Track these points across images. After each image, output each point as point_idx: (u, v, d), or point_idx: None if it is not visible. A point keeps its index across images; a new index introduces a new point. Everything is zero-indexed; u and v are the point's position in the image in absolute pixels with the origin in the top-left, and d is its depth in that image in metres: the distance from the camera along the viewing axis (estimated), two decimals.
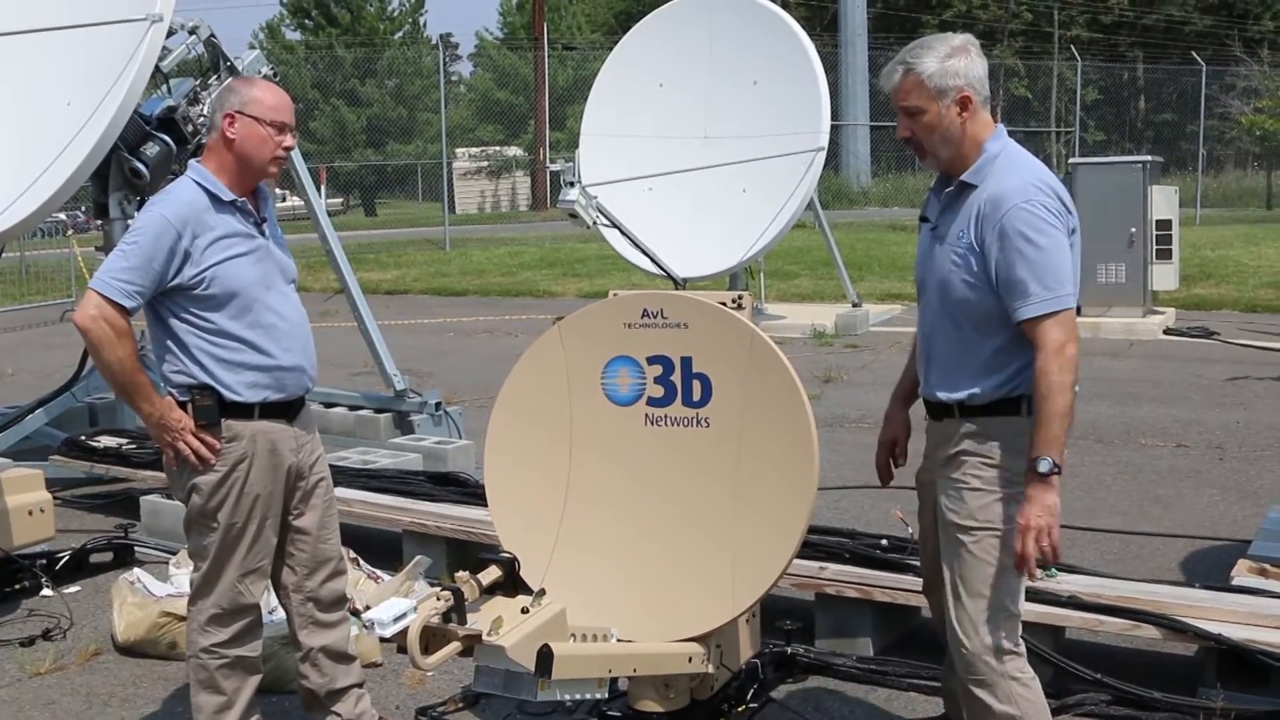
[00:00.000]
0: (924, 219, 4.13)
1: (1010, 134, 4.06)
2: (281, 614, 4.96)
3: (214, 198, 4.38)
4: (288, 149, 4.49)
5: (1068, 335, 3.80)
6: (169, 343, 4.40)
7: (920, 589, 5.34)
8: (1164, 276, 16.04)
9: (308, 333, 4.61)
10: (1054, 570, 5.50)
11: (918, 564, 5.48)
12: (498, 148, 58.37)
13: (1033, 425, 3.82)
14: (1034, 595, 5.26)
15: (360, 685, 4.81)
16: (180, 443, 4.36)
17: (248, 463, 4.42)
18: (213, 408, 4.36)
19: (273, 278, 4.49)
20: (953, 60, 3.90)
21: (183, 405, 4.37)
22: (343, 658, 4.72)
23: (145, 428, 7.85)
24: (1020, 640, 4.02)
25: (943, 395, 4.05)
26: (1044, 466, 3.77)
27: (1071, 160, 17.30)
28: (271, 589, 4.78)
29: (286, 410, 4.52)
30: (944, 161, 4.01)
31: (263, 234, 4.49)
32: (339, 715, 4.73)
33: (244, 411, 4.40)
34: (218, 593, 4.48)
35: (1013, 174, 3.89)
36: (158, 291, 4.31)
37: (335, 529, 4.77)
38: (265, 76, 9.26)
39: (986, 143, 3.96)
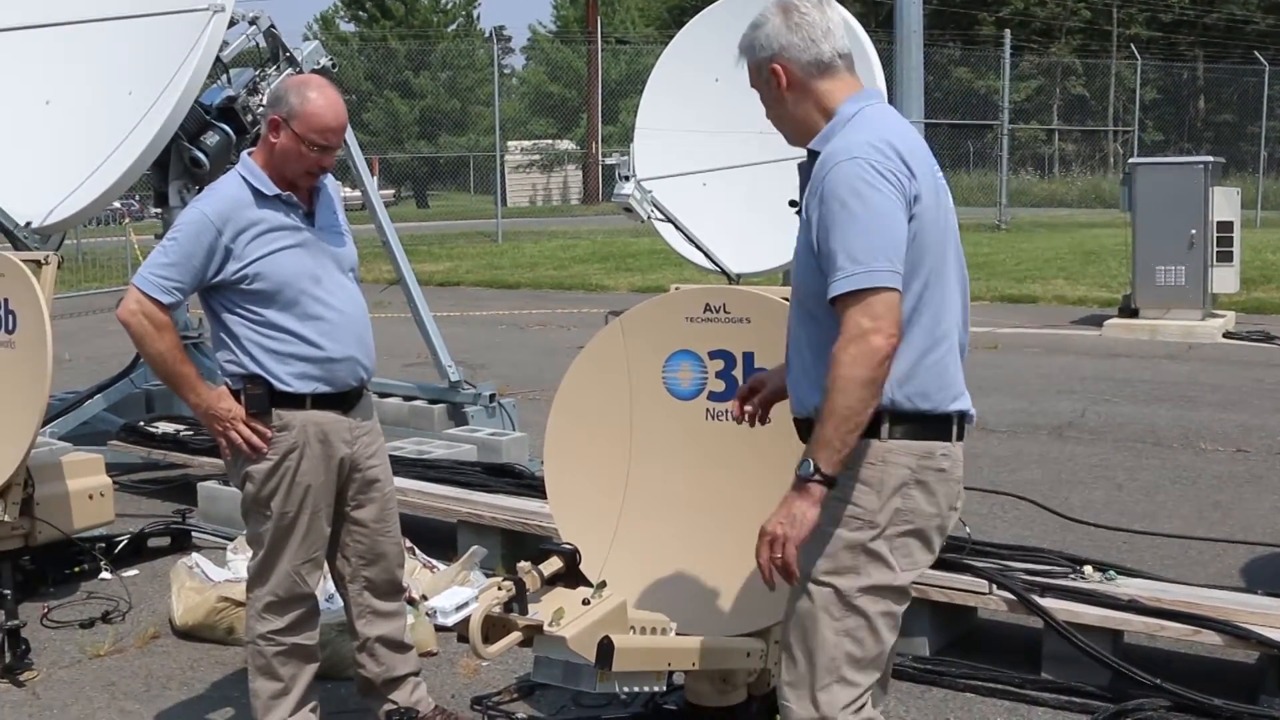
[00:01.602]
0: (793, 203, 3.66)
1: (1066, 133, 3.69)
2: (339, 601, 4.98)
3: (257, 192, 4.38)
4: (324, 169, 4.46)
5: (875, 323, 3.07)
6: (222, 334, 4.43)
7: (977, 590, 5.33)
8: (1224, 279, 15.85)
9: (363, 324, 4.58)
10: (1112, 573, 5.46)
11: (975, 564, 5.46)
12: (550, 141, 58.48)
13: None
14: (1094, 599, 5.23)
15: (417, 674, 4.83)
16: (231, 431, 4.38)
17: (298, 452, 4.43)
18: (263, 397, 4.38)
19: (324, 269, 4.46)
20: (761, 30, 3.41)
21: (236, 394, 4.40)
22: (399, 647, 4.74)
23: None
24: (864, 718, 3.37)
25: (795, 410, 3.49)
26: (803, 470, 3.16)
27: (1130, 160, 17.14)
28: (329, 578, 4.81)
29: (340, 401, 4.51)
30: (793, 141, 3.51)
31: (311, 226, 4.47)
32: (395, 704, 4.75)
33: (295, 401, 4.41)
34: (274, 580, 4.50)
35: (853, 134, 3.26)
36: (199, 287, 4.35)
37: (394, 521, 4.77)
38: (324, 68, 9.33)
39: (841, 105, 3.35)
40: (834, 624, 3.30)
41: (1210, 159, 15.87)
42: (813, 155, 3.37)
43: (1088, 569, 5.48)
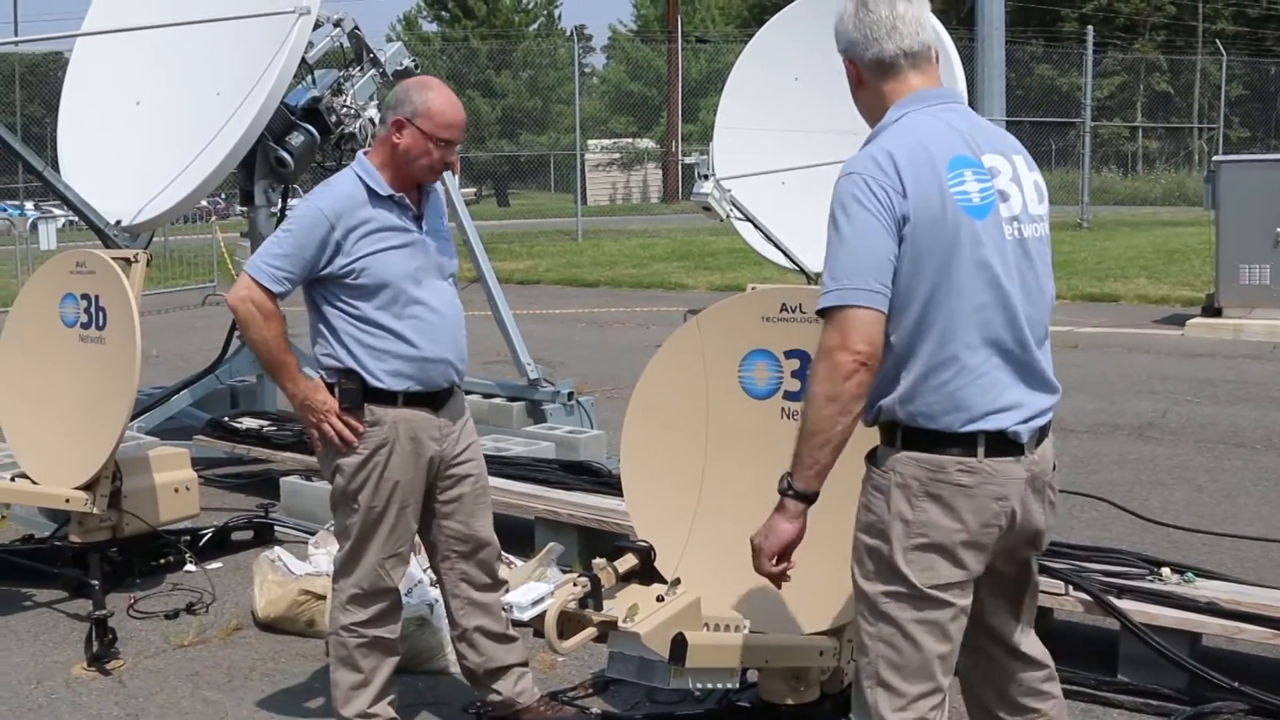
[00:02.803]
0: None
1: (1150, 131, 3.56)
2: (417, 595, 5.05)
3: (372, 192, 4.48)
4: (448, 165, 4.57)
5: (842, 339, 3.07)
6: (321, 326, 4.54)
7: (1053, 591, 5.30)
8: None
9: (458, 327, 4.67)
10: (1190, 575, 5.41)
11: (1052, 565, 5.43)
12: (630, 140, 58.56)
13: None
14: (1171, 601, 5.19)
15: (523, 665, 4.89)
16: (324, 424, 4.48)
17: (388, 448, 4.51)
18: (356, 392, 4.47)
19: (427, 272, 4.56)
20: (836, 24, 3.39)
21: (330, 388, 4.49)
22: (500, 637, 4.80)
23: (285, 411, 8.05)
24: None
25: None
26: (780, 484, 3.26)
27: (1215, 158, 16.92)
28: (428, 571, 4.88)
29: (432, 400, 4.59)
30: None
31: (420, 229, 4.57)
32: (499, 693, 4.83)
33: (388, 398, 4.49)
34: (359, 573, 4.58)
35: (873, 144, 3.26)
36: (308, 279, 4.46)
37: (486, 516, 4.85)
38: (406, 69, 9.43)
39: (890, 110, 3.33)
40: (869, 629, 3.33)
41: None
42: None
43: (1165, 571, 5.44)
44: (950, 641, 3.31)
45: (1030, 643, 3.64)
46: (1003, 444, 3.24)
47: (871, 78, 3.35)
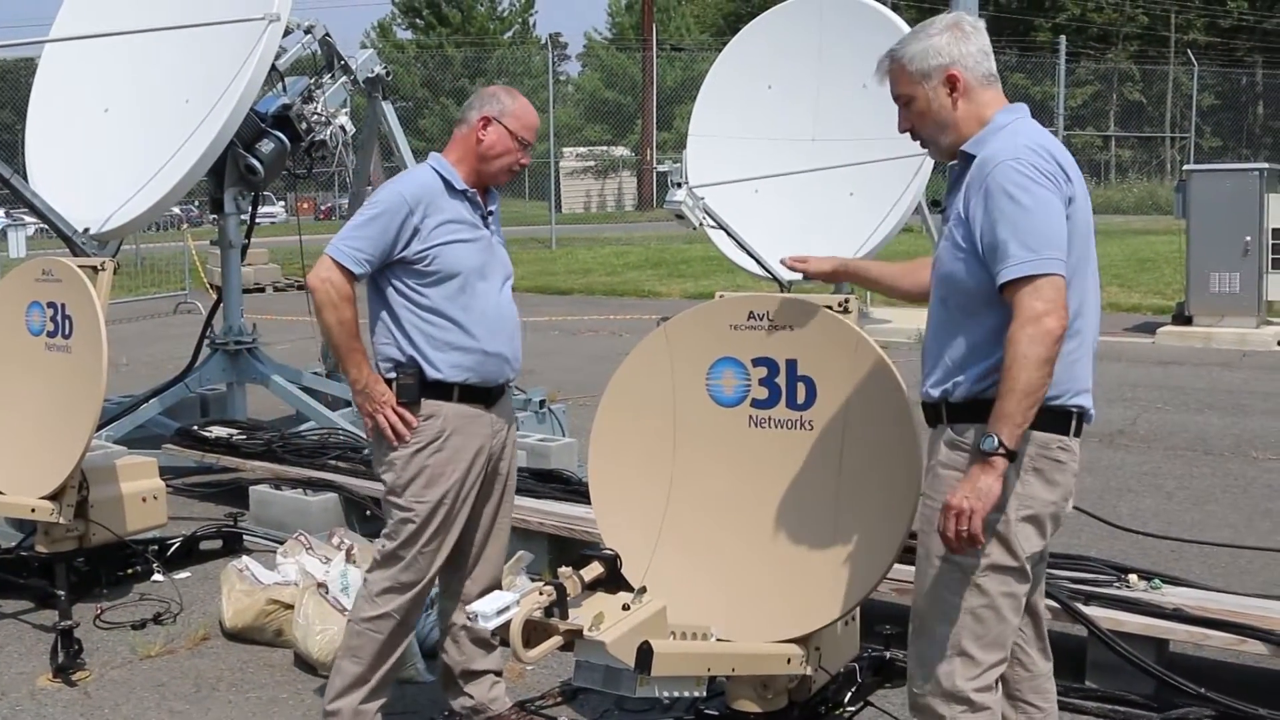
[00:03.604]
0: (934, 203, 3.91)
1: (1122, 140, 3.88)
2: None
3: (448, 184, 4.60)
4: (523, 165, 4.74)
5: (1048, 306, 3.32)
6: (383, 314, 4.61)
7: None
8: None
9: (516, 328, 4.77)
10: (1158, 581, 5.43)
11: None
12: (604, 147, 58.61)
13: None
14: (1139, 607, 5.21)
15: (498, 674, 4.92)
16: (379, 415, 4.53)
17: (440, 443, 4.57)
18: (413, 386, 4.54)
19: (491, 270, 4.68)
20: (935, 39, 3.64)
21: (387, 381, 4.55)
22: (483, 643, 4.83)
23: (255, 419, 8.03)
24: (984, 694, 3.57)
25: (927, 391, 3.66)
26: (986, 445, 3.36)
27: (1186, 167, 17.02)
28: None
29: (486, 396, 4.67)
30: (944, 148, 3.71)
31: (488, 227, 4.70)
32: (471, 697, 4.86)
33: (443, 392, 4.56)
34: (401, 565, 4.61)
35: (1010, 139, 3.52)
36: (386, 262, 4.52)
37: (505, 521, 4.95)
38: (378, 76, 9.42)
39: (997, 115, 3.64)
40: (958, 600, 3.54)
41: (1266, 165, 15.75)
42: (965, 160, 3.59)
43: (1133, 577, 5.47)
44: (1019, 615, 3.64)
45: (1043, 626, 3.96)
46: (1080, 426, 3.60)
47: (979, 88, 3.66)
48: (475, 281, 4.59)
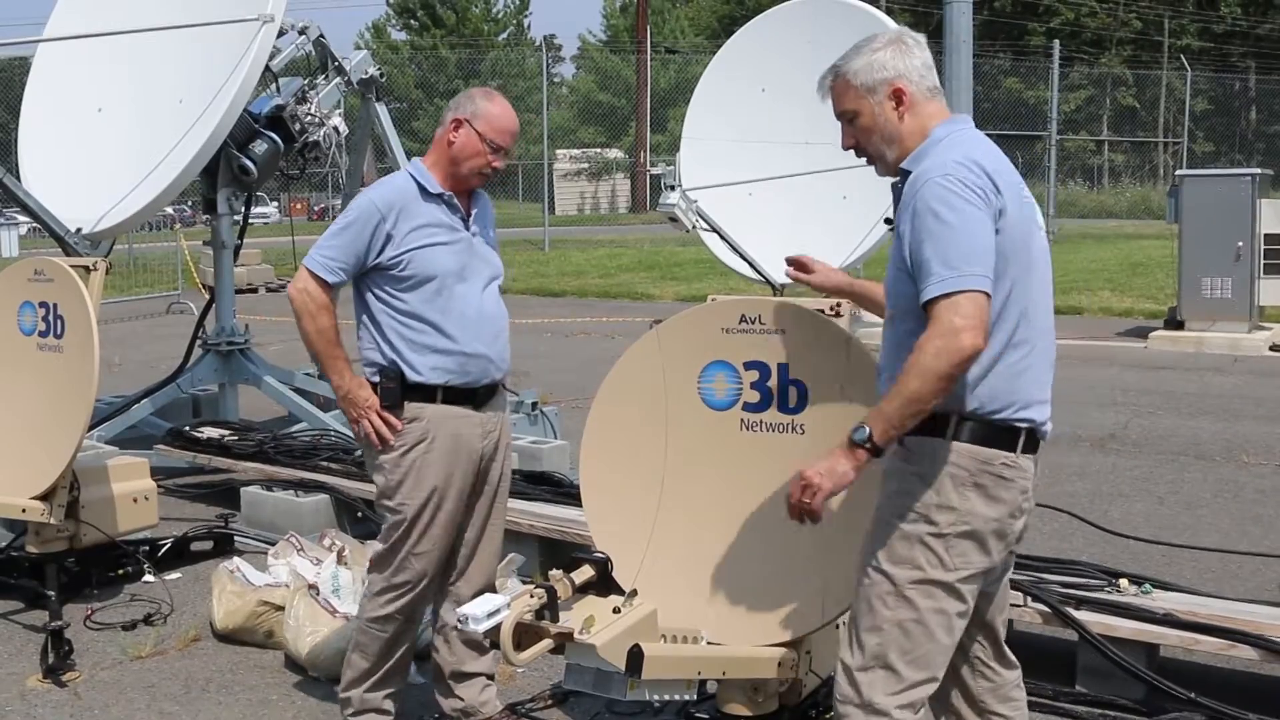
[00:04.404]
0: (888, 220, 3.80)
1: (1115, 144, 3.85)
2: None
3: (423, 189, 4.63)
4: (495, 169, 4.72)
5: (965, 322, 3.24)
6: (365, 319, 4.66)
7: (1012, 602, 5.32)
8: (1272, 291, 15.74)
9: (501, 327, 4.80)
10: (1148, 586, 5.44)
11: (1012, 575, 5.43)
12: (598, 150, 58.63)
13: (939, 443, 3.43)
14: (1129, 612, 5.22)
15: (489, 677, 4.93)
16: (364, 420, 4.59)
17: (426, 444, 4.61)
18: (395, 390, 4.59)
19: (472, 271, 4.69)
20: (879, 54, 3.61)
21: (372, 385, 4.60)
22: (474, 645, 4.84)
23: (247, 420, 8.03)
24: (905, 711, 3.46)
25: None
26: (857, 435, 3.36)
27: (1179, 172, 17.04)
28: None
29: (471, 397, 4.69)
30: (891, 163, 3.64)
31: (467, 229, 4.70)
32: (461, 699, 4.88)
33: (426, 394, 4.60)
34: (394, 567, 4.67)
35: (942, 154, 3.45)
36: (361, 269, 4.58)
37: (499, 522, 4.98)
38: (372, 77, 9.41)
39: (935, 129, 3.57)
40: (886, 612, 3.46)
41: (1258, 171, 15.81)
42: (904, 176, 3.56)
43: (1123, 582, 5.48)
44: (952, 637, 3.51)
45: (1003, 645, 3.84)
46: (1031, 441, 3.52)
47: (925, 101, 3.61)
48: (454, 284, 4.62)
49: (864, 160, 3.76)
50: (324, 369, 4.68)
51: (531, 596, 3.63)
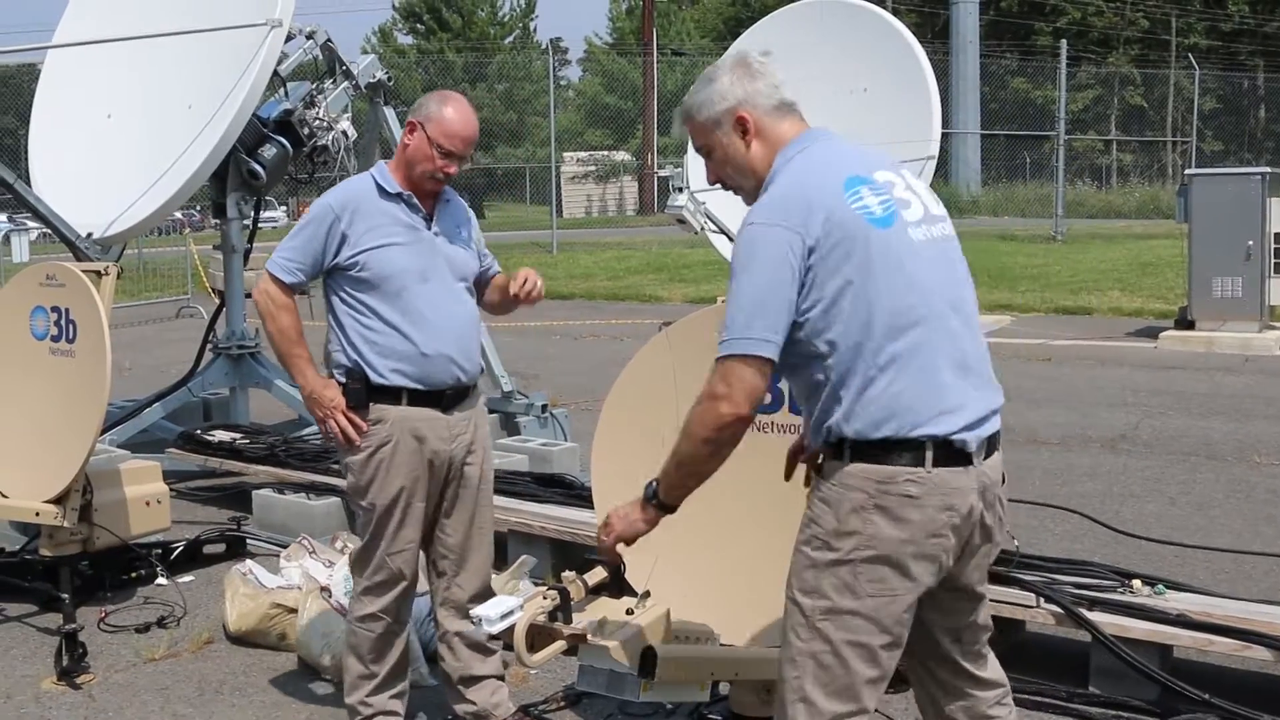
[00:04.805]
0: None
1: (1124, 144, 3.67)
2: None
3: (381, 188, 4.67)
4: (446, 175, 4.68)
5: (726, 391, 3.21)
6: (331, 321, 4.71)
7: (1024, 603, 5.32)
8: None
9: (465, 326, 4.76)
10: (1162, 587, 5.43)
11: (1024, 577, 5.44)
12: (606, 152, 58.65)
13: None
14: (1143, 613, 5.21)
15: (500, 678, 4.93)
16: (329, 420, 4.62)
17: (391, 446, 4.62)
18: (360, 391, 4.60)
19: (433, 270, 4.67)
20: (718, 83, 3.47)
21: (340, 386, 4.63)
22: (478, 647, 4.84)
23: (258, 423, 8.04)
24: None
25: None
26: (647, 490, 3.48)
27: (1188, 171, 17.02)
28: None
29: (439, 399, 4.68)
30: (750, 192, 3.49)
31: (428, 228, 4.70)
32: (473, 704, 4.88)
33: (391, 396, 4.61)
34: (371, 566, 4.71)
35: (773, 190, 3.35)
36: (320, 269, 4.65)
37: (485, 525, 4.92)
38: (380, 81, 9.43)
39: (781, 152, 3.43)
40: (800, 644, 3.30)
41: (1268, 170, 15.74)
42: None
43: (1136, 583, 5.45)
44: (879, 668, 3.29)
45: (981, 664, 3.65)
46: (950, 454, 3.24)
47: (774, 123, 3.46)
48: (413, 284, 4.61)
49: (732, 193, 3.62)
50: (287, 368, 4.76)
51: (544, 598, 3.63)
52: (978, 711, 3.62)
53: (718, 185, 3.62)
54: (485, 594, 4.85)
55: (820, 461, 3.39)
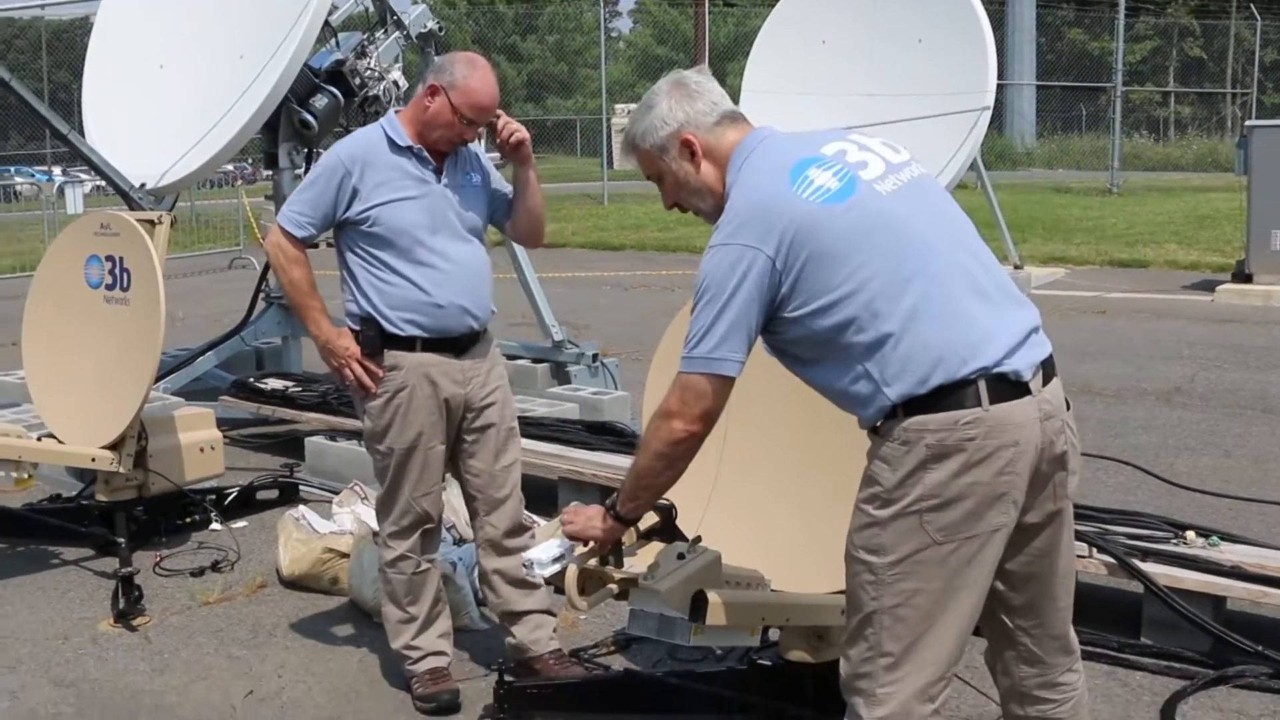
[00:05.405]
0: None
1: (1182, 96, 3.43)
2: (440, 553, 5.11)
3: (392, 142, 4.68)
4: (465, 140, 4.74)
5: (680, 408, 3.24)
6: (344, 273, 4.76)
7: (1078, 554, 5.28)
8: None
9: (477, 276, 4.81)
10: (1216, 539, 5.39)
11: (1077, 527, 5.37)
12: None
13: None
14: (1196, 564, 5.17)
15: (544, 612, 4.97)
16: (345, 369, 4.71)
17: (408, 391, 4.68)
18: (375, 338, 4.67)
19: (443, 222, 4.71)
20: (658, 108, 3.46)
21: (354, 334, 4.69)
22: (518, 583, 4.88)
23: (310, 371, 8.09)
24: (915, 703, 3.19)
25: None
26: (608, 500, 3.54)
27: (1248, 123, 16.76)
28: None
29: (453, 345, 4.74)
30: (709, 213, 3.47)
31: (439, 181, 4.71)
32: (514, 637, 4.94)
33: (405, 344, 4.68)
34: (395, 511, 4.78)
35: (731, 204, 3.33)
36: (331, 223, 4.70)
37: (509, 461, 4.95)
38: (430, 32, 9.41)
39: (730, 160, 3.41)
40: (870, 601, 3.20)
41: None
42: None
43: (1190, 534, 5.42)
44: (958, 617, 3.20)
45: (1060, 625, 3.50)
46: (1006, 387, 3.14)
47: (718, 139, 3.44)
48: (424, 237, 4.66)
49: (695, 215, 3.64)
50: (301, 319, 4.83)
51: (596, 542, 3.64)
52: (1048, 679, 3.51)
53: (675, 208, 3.62)
54: (518, 530, 4.93)
55: (878, 425, 3.27)
